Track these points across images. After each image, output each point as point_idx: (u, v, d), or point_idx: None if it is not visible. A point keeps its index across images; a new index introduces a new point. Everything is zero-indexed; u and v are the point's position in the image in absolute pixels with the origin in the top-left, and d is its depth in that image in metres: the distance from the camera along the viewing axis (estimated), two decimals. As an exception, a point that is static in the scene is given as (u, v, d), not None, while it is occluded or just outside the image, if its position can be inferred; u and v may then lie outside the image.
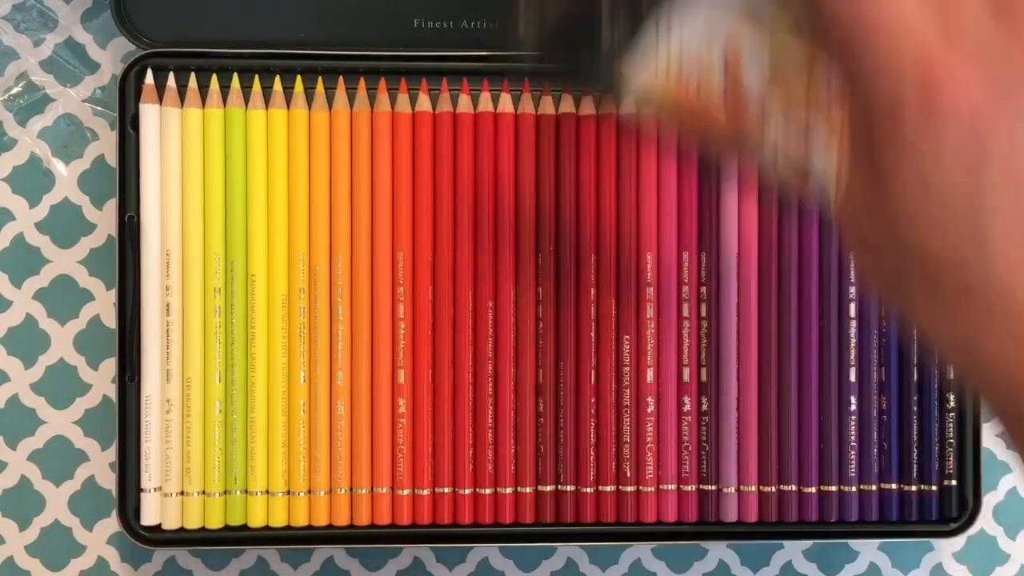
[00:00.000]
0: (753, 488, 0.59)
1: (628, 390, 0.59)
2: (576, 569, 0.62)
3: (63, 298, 0.61)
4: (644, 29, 0.36)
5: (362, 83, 0.59)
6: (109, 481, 0.61)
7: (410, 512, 0.59)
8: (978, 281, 0.32)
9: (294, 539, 0.59)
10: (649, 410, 0.59)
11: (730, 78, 0.35)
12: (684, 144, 0.59)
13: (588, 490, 0.59)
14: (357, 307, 0.58)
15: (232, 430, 0.58)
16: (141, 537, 0.58)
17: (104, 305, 0.61)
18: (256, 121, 0.58)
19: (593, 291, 0.59)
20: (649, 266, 0.59)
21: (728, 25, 0.35)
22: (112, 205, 0.61)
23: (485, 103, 0.59)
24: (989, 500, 0.63)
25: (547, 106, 0.59)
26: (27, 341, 0.61)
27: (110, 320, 0.61)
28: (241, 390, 0.58)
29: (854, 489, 0.59)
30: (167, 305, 0.58)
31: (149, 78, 0.58)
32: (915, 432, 0.60)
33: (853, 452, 0.59)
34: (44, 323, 0.61)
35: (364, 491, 0.59)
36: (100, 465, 0.61)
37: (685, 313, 0.59)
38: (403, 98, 0.59)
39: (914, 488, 0.60)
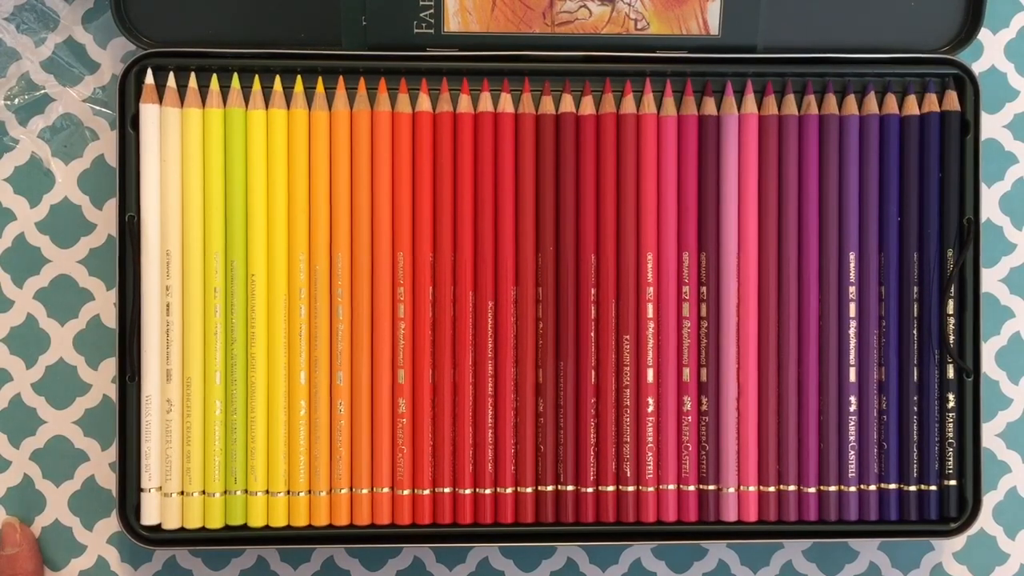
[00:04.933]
0: (753, 488, 0.59)
1: (628, 390, 0.59)
2: (576, 569, 0.62)
3: (63, 298, 0.61)
4: None
5: (362, 83, 0.59)
6: (109, 481, 0.61)
7: (410, 512, 0.59)
8: None
9: (294, 539, 0.59)
10: (649, 410, 0.59)
11: None
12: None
13: (588, 490, 0.59)
14: (357, 307, 0.58)
15: (232, 430, 0.58)
16: (141, 537, 0.58)
17: (104, 305, 0.61)
18: (256, 121, 0.58)
19: (593, 291, 0.59)
20: (649, 266, 0.59)
21: None
22: (112, 205, 0.61)
23: (485, 103, 0.59)
24: (989, 500, 0.63)
25: (547, 106, 0.59)
26: (28, 341, 0.61)
27: (110, 320, 0.61)
28: (241, 390, 0.58)
29: (854, 489, 0.59)
30: (167, 305, 0.58)
31: (149, 78, 0.58)
32: (915, 432, 0.60)
33: (853, 452, 0.59)
34: (44, 323, 0.61)
35: (364, 491, 0.59)
36: (100, 465, 0.61)
37: (685, 313, 0.59)
38: (403, 98, 0.59)
39: (914, 488, 0.60)
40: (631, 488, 0.59)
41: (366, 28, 0.59)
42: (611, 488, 0.59)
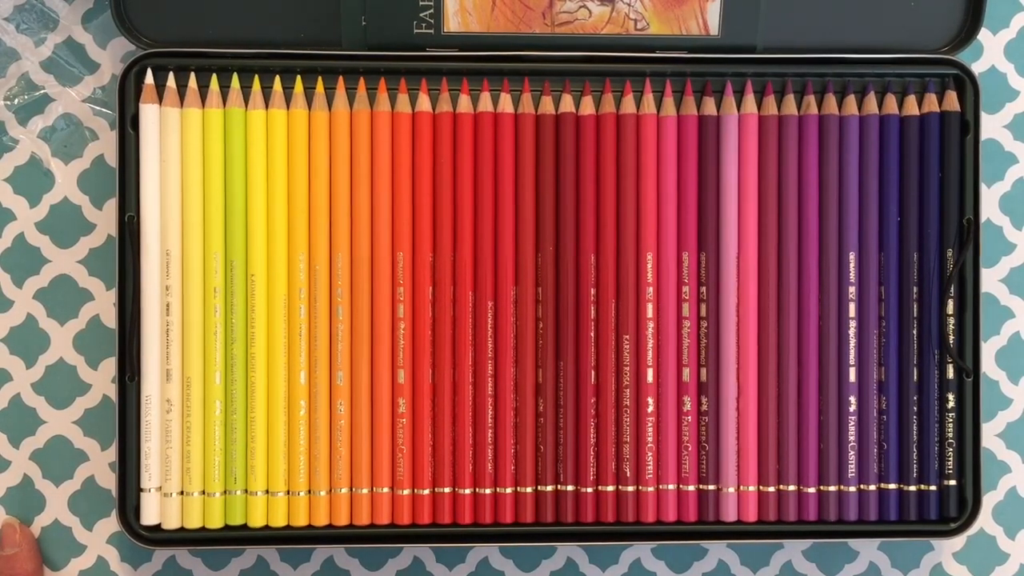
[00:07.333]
0: (752, 488, 0.59)
1: (628, 390, 0.59)
2: (576, 569, 0.62)
3: (63, 298, 0.61)
4: None
5: (362, 83, 0.59)
6: (109, 481, 0.61)
7: (410, 512, 0.59)
8: None
9: (294, 539, 0.59)
10: (649, 410, 0.59)
11: None
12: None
13: (588, 490, 0.59)
14: (357, 307, 0.58)
15: (232, 430, 0.58)
16: (141, 537, 0.58)
17: (104, 305, 0.61)
18: (256, 121, 0.58)
19: (593, 291, 0.59)
20: (649, 266, 0.59)
21: None
22: (112, 205, 0.61)
23: (485, 103, 0.59)
24: (989, 500, 0.63)
25: (547, 106, 0.59)
26: (28, 341, 0.61)
27: (110, 320, 0.61)
28: (241, 390, 0.58)
29: (853, 489, 0.59)
30: (167, 305, 0.58)
31: (149, 78, 0.58)
32: (915, 432, 0.60)
33: (852, 452, 0.59)
34: (44, 323, 0.61)
35: (364, 491, 0.59)
36: (100, 465, 0.61)
37: (685, 313, 0.59)
38: (403, 98, 0.59)
39: (913, 488, 0.60)
40: (631, 488, 0.59)
41: (366, 28, 0.59)
42: (611, 488, 0.59)
